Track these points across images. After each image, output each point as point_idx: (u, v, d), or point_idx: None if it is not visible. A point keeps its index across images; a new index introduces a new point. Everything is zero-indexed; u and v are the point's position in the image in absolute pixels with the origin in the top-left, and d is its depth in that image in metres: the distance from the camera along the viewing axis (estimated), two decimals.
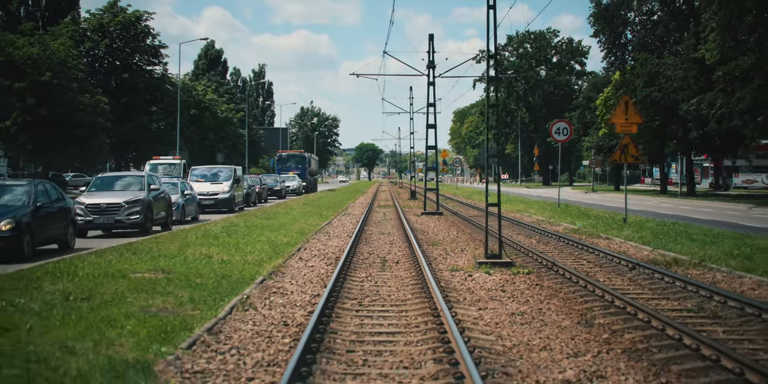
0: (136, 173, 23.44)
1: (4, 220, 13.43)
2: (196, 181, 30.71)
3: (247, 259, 12.54)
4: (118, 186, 20.89)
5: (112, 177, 22.45)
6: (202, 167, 34.96)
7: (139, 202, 19.37)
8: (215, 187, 30.71)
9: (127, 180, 21.44)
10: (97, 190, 20.45)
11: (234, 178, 31.91)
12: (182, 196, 24.81)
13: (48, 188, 15.87)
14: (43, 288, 8.67)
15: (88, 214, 18.86)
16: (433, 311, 8.80)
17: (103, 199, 19.32)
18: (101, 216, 19.03)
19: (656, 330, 7.98)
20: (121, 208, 19.12)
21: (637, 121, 20.30)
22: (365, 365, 6.54)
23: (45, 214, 14.90)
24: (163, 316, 7.60)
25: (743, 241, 15.21)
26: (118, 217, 19.02)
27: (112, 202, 19.25)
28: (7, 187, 15.37)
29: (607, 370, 6.50)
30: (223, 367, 6.15)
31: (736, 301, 9.41)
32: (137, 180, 21.06)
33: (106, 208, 19.10)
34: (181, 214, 24.11)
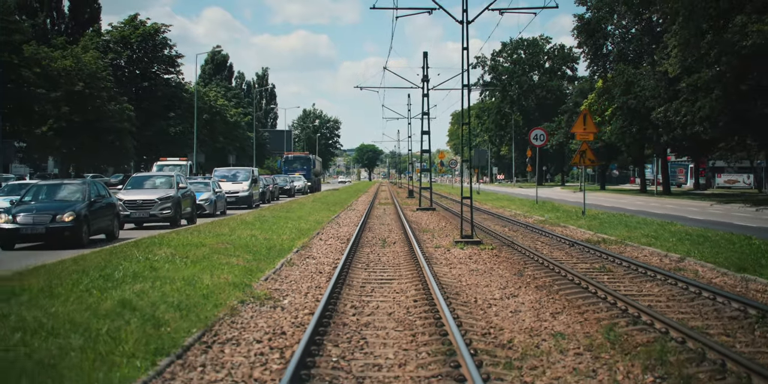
0: (166, 173, 26.22)
1: (66, 212, 16.20)
2: (219, 181, 34.17)
3: (283, 238, 16.82)
4: (151, 184, 23.40)
5: (145, 176, 25.31)
6: (223, 169, 39.15)
7: (170, 199, 21.83)
8: (236, 186, 34.49)
9: (158, 179, 24.01)
10: (133, 188, 22.98)
11: (252, 178, 35.95)
12: (214, 194, 28.52)
13: (98, 186, 18.80)
14: (154, 251, 12.88)
15: (126, 209, 21.32)
16: (417, 269, 12.99)
17: (139, 196, 21.85)
18: (137, 210, 21.53)
19: (563, 277, 12.17)
20: (155, 204, 21.54)
21: (593, 130, 24.55)
22: (373, 292, 10.74)
23: (97, 208, 17.54)
24: (243, 266, 11.85)
25: (664, 227, 19.44)
26: (152, 212, 21.47)
27: (147, 198, 21.74)
28: (65, 185, 18.37)
29: (520, 294, 10.70)
30: (287, 287, 10.41)
31: (627, 262, 13.60)
32: (167, 179, 23.64)
33: (142, 204, 21.57)
34: (213, 208, 27.95)
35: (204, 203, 27.53)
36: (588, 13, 53.08)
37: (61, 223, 16.08)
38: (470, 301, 10.05)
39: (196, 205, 26.45)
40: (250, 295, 9.53)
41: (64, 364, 5.62)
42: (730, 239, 15.64)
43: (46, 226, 16.04)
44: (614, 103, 51.12)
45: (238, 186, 34.58)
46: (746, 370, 6.36)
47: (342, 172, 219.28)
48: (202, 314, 7.91)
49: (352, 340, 7.53)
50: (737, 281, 11.32)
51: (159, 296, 8.40)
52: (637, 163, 62.65)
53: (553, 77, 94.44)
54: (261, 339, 7.38)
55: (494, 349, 7.32)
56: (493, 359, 6.89)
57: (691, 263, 13.33)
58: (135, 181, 24.01)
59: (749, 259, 12.65)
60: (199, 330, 7.35)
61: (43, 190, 18.12)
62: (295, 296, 9.95)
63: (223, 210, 29.71)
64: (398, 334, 7.91)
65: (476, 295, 10.54)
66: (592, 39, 53.56)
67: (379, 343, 7.49)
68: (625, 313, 9.09)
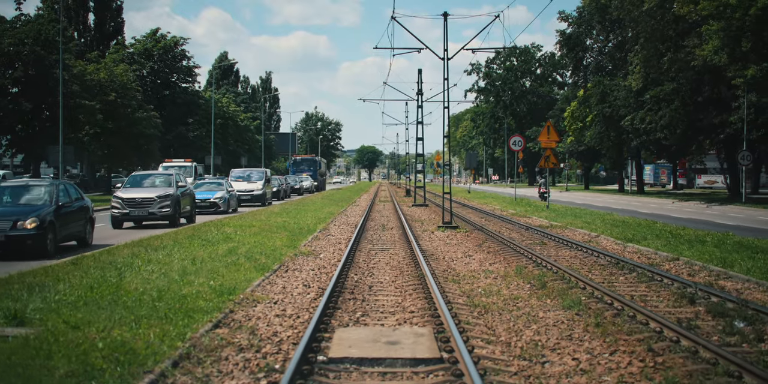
0: (165, 172, 25.83)
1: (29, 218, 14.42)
2: (235, 181, 38.83)
3: (307, 223, 22.20)
4: (150, 183, 23.38)
5: (144, 175, 25.12)
6: (238, 170, 43.58)
7: (169, 197, 21.97)
8: (251, 185, 38.71)
9: (157, 178, 23.94)
10: (132, 186, 22.96)
11: (265, 178, 40.15)
12: (227, 192, 31.39)
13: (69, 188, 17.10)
14: (221, 229, 18.24)
15: (125, 207, 21.56)
16: (407, 243, 18.28)
17: (138, 194, 21.94)
18: (136, 209, 21.68)
19: (509, 247, 17.47)
20: (154, 202, 21.69)
21: (555, 139, 29.93)
22: (376, 255, 16.04)
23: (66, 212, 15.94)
24: (286, 237, 17.23)
25: (603, 217, 24.79)
26: (151, 210, 21.64)
27: (146, 196, 21.83)
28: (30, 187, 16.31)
29: (474, 255, 15.99)
30: (320, 249, 15.78)
31: (559, 239, 18.90)
32: (167, 178, 23.63)
33: (141, 202, 21.72)
34: (227, 206, 30.96)
35: (219, 201, 30.48)
36: (569, 28, 58.55)
37: (22, 231, 14.14)
38: (440, 258, 15.38)
39: (211, 204, 30.05)
40: (298, 251, 14.91)
41: (221, 272, 11.01)
42: (640, 223, 21.02)
43: (6, 233, 14.06)
44: (593, 111, 56.50)
45: (252, 185, 38.70)
46: (585, 284, 11.64)
47: (342, 172, 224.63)
48: (276, 257, 13.30)
49: (364, 272, 12.85)
50: (621, 247, 16.69)
51: (247, 249, 13.79)
52: (616, 165, 67.94)
53: (544, 83, 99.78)
54: (313, 268, 12.77)
55: (448, 276, 12.64)
56: (446, 280, 12.19)
57: (601, 238, 18.69)
58: (134, 180, 23.94)
59: (639, 235, 18.02)
60: (278, 264, 12.74)
61: (6, 192, 15.97)
62: (326, 253, 15.32)
63: (236, 208, 32.48)
64: (391, 271, 13.22)
65: (445, 256, 15.86)
66: (572, 52, 58.99)
67: (380, 273, 12.81)
68: (536, 263, 14.41)
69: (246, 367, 6.37)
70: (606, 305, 9.81)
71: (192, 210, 24.33)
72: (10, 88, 40.76)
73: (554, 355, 7.25)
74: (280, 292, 10.23)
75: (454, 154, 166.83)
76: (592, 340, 7.85)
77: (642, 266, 13.06)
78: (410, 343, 7.43)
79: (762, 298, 10.23)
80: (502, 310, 9.52)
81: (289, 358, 6.60)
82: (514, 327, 8.52)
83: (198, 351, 6.65)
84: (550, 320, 8.90)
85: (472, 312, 9.42)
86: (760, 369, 6.43)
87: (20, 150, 43.62)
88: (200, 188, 31.46)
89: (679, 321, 8.70)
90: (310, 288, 10.82)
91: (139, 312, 7.79)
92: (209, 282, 10.00)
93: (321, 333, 7.79)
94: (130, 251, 13.24)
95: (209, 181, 32.90)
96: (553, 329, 8.40)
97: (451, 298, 10.28)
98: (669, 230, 19.17)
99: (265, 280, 11.11)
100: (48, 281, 9.52)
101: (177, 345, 6.62)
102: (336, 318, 8.78)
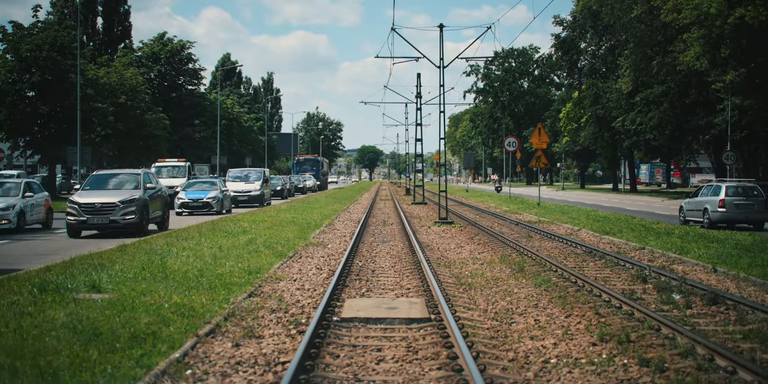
0: (132, 171, 22.10)
1: None
2: (233, 181, 37.74)
3: (314, 218, 24.09)
4: (113, 184, 20.37)
5: (108, 175, 21.46)
6: (236, 170, 42.15)
7: (134, 202, 19.00)
8: (248, 186, 37.43)
9: (122, 178, 20.74)
10: (92, 188, 19.97)
11: (263, 178, 38.74)
12: (221, 192, 30.10)
13: None
14: (238, 223, 20.12)
15: (82, 214, 18.57)
16: (406, 236, 20.14)
17: (98, 199, 18.90)
18: (95, 216, 18.64)
19: (498, 240, 19.33)
20: (116, 208, 18.72)
21: (546, 140, 31.80)
22: (378, 246, 17.90)
23: None
24: (296, 231, 19.11)
25: (588, 213, 26.68)
26: (113, 217, 18.64)
27: (107, 201, 18.81)
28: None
29: (465, 246, 17.87)
30: (327, 241, 17.66)
31: (545, 232, 20.77)
32: (133, 178, 20.46)
33: (101, 208, 18.67)
34: (220, 206, 29.70)
35: (212, 201, 29.26)
36: (564, 32, 60.40)
37: None
38: (435, 249, 17.26)
39: (204, 204, 28.90)
40: (308, 242, 16.81)
41: (246, 257, 12.92)
42: (620, 218, 22.89)
43: None
44: (587, 112, 58.36)
45: (250, 186, 37.46)
46: (558, 268, 13.49)
47: (343, 171, 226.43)
48: (290, 246, 15.19)
49: (368, 260, 14.72)
50: (597, 239, 18.57)
51: (264, 240, 15.68)
52: (611, 164, 69.79)
53: (541, 84, 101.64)
54: (323, 256, 14.66)
55: (441, 263, 14.51)
56: (438, 266, 14.06)
57: (582, 232, 20.57)
58: (95, 181, 20.62)
59: (615, 229, 19.90)
60: (292, 252, 14.63)
61: None
62: (333, 244, 17.22)
63: (229, 208, 31.21)
64: (391, 259, 15.09)
65: (439, 247, 17.74)
66: (567, 55, 60.84)
67: (381, 261, 14.68)
68: (519, 252, 16.27)
69: (279, 322, 8.26)
70: (571, 283, 11.68)
71: (164, 215, 21.42)
72: (27, 92, 42.62)
73: (520, 318, 9.12)
74: (297, 273, 12.12)
75: (454, 154, 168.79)
76: (553, 308, 9.72)
77: (611, 254, 14.93)
78: (406, 308, 9.30)
79: (702, 277, 12.11)
80: (483, 287, 11.39)
81: (312, 317, 8.48)
82: (492, 299, 10.39)
83: (240, 311, 8.54)
84: (522, 294, 10.77)
85: (458, 289, 11.29)
86: (676, 324, 8.29)
87: (37, 151, 45.46)
88: (192, 188, 30.49)
89: (627, 293, 10.58)
90: (322, 270, 12.70)
91: (188, 285, 9.69)
92: (238, 264, 11.90)
93: (334, 301, 9.68)
94: (164, 241, 15.16)
95: (202, 181, 31.69)
96: (523, 301, 10.27)
97: (441, 278, 12.15)
98: (644, 224, 21.05)
99: (283, 264, 13.00)
100: (106, 263, 11.42)
101: (224, 306, 8.51)
102: (345, 292, 10.66)
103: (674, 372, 6.60)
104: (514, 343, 7.77)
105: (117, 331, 6.82)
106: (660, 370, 6.66)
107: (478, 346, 7.47)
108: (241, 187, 36.75)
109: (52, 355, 5.88)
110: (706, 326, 8.61)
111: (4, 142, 43.76)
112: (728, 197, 22.83)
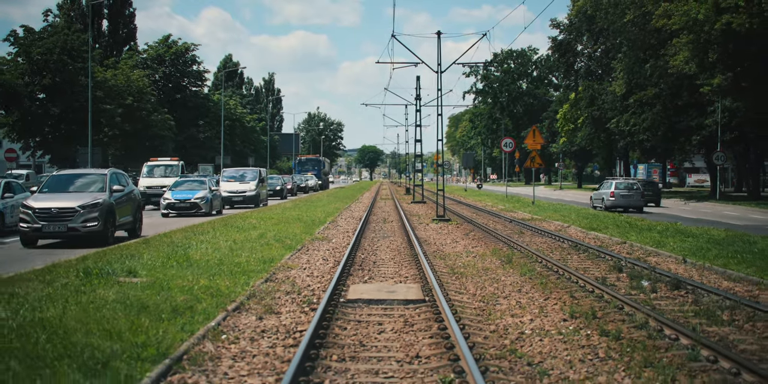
0: (97, 171, 19.67)
1: None
2: (227, 181, 36.63)
3: (317, 216, 25.37)
4: (75, 186, 18.17)
5: (70, 175, 19.10)
6: (231, 169, 40.95)
7: (97, 207, 16.74)
8: (243, 186, 36.16)
9: (86, 179, 18.49)
10: (50, 191, 17.69)
11: (259, 178, 37.32)
12: (210, 192, 28.78)
13: None
14: (247, 220, 21.38)
15: (37, 221, 16.35)
16: (405, 232, 21.41)
17: (55, 203, 16.65)
18: (52, 223, 16.35)
19: (491, 236, 20.60)
20: (76, 214, 16.45)
21: (540, 141, 33.08)
22: (379, 241, 19.16)
23: None
24: (302, 227, 20.39)
25: (579, 211, 27.93)
26: (71, 224, 16.39)
27: (65, 206, 16.56)
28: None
29: (461, 241, 19.14)
30: (331, 236, 18.94)
31: (537, 229, 22.02)
32: (98, 179, 18.18)
33: (58, 214, 16.43)
34: (209, 207, 28.36)
35: (200, 202, 27.90)
36: (560, 35, 61.62)
37: None
38: (431, 243, 18.52)
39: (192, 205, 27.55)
40: (314, 237, 18.09)
41: (259, 249, 14.20)
42: (607, 216, 24.16)
43: None
44: (583, 114, 59.62)
45: (245, 186, 36.20)
46: (543, 260, 14.75)
47: (343, 171, 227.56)
48: (298, 240, 16.49)
49: (369, 253, 15.99)
50: (584, 234, 19.85)
51: (273, 234, 16.96)
52: (607, 164, 71.10)
53: (540, 85, 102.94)
54: (328, 249, 15.94)
55: (436, 255, 15.78)
56: (434, 258, 15.32)
57: (571, 228, 21.84)
58: (55, 182, 18.35)
59: (602, 225, 21.18)
60: (300, 245, 15.91)
61: None
62: (337, 239, 18.50)
63: (220, 209, 30.10)
64: (391, 252, 16.36)
65: (436, 242, 19.00)
66: (564, 57, 62.07)
67: (382, 253, 15.95)
68: (510, 246, 17.54)
69: (294, 301, 9.55)
70: (553, 272, 12.96)
71: (135, 220, 19.11)
72: (38, 94, 43.94)
73: (504, 300, 10.39)
74: (306, 263, 13.41)
75: (453, 154, 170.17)
76: (534, 292, 10.99)
77: (593, 248, 16.21)
78: (404, 292, 10.58)
79: (672, 267, 13.39)
80: (474, 276, 12.66)
81: (321, 298, 9.75)
82: (480, 285, 11.67)
83: (259, 293, 9.83)
84: (508, 282, 12.03)
85: (451, 277, 12.56)
86: (638, 304, 9.56)
87: (47, 151, 46.77)
88: (179, 187, 29.23)
89: (600, 280, 11.86)
90: (328, 261, 13.98)
91: (211, 271, 10.98)
92: (252, 255, 13.19)
93: (340, 286, 10.96)
94: (183, 235, 16.46)
95: (191, 180, 30.25)
96: (508, 287, 11.54)
97: (437, 268, 13.42)
98: (628, 221, 22.33)
99: (293, 255, 14.29)
100: (135, 253, 12.71)
101: (245, 289, 9.80)
102: (349, 279, 11.93)
103: (627, 340, 7.86)
104: (496, 319, 9.04)
105: (160, 306, 8.10)
106: (616, 338, 7.92)
107: (465, 321, 8.73)
108: (235, 188, 35.88)
109: (113, 322, 7.16)
110: (665, 306, 9.87)
111: (15, 142, 45.07)
112: (617, 190, 33.01)
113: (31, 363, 5.72)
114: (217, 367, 6.33)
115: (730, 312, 9.25)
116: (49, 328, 6.80)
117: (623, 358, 7.15)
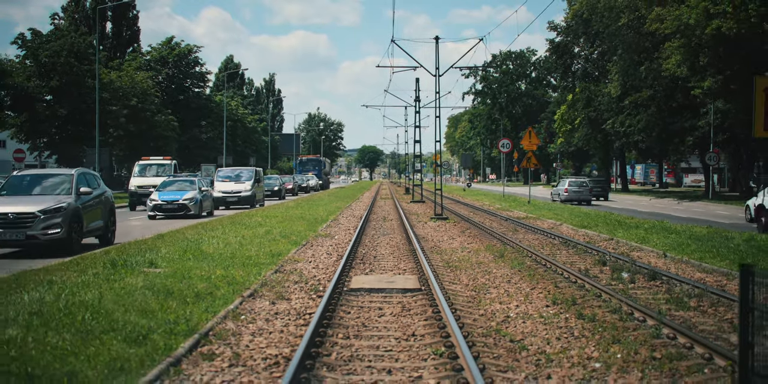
0: (63, 171, 17.95)
1: None
2: (222, 181, 35.97)
3: (320, 214, 26.34)
4: (38, 189, 16.45)
5: (32, 176, 17.30)
6: (226, 169, 40.05)
7: (60, 211, 15.08)
8: (238, 186, 35.42)
9: (51, 180, 16.78)
10: (9, 193, 16.05)
11: (255, 178, 36.52)
12: (200, 192, 27.69)
13: None
14: (252, 218, 22.36)
15: None
16: (404, 230, 22.37)
17: (12, 207, 15.00)
18: (8, 230, 14.69)
19: (487, 233, 21.55)
20: (36, 220, 14.78)
21: (536, 142, 34.05)
22: (379, 238, 20.11)
23: None
24: (306, 224, 21.36)
25: (572, 210, 28.89)
26: (30, 232, 14.71)
27: (23, 210, 14.91)
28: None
29: (457, 238, 20.10)
30: (334, 233, 19.91)
31: (530, 227, 22.99)
32: (64, 180, 16.49)
33: (15, 220, 14.77)
34: (199, 208, 27.30)
35: (189, 203, 26.86)
36: (558, 37, 62.60)
37: None
38: (429, 240, 19.49)
39: (180, 206, 26.39)
40: (317, 234, 19.07)
41: (266, 245, 15.16)
42: (599, 214, 25.13)
43: None
44: (580, 115, 60.62)
45: (240, 186, 35.47)
46: (534, 255, 15.70)
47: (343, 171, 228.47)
48: (302, 236, 17.47)
49: (370, 248, 16.95)
50: (574, 232, 20.82)
51: (280, 230, 17.94)
52: (604, 164, 72.12)
53: (538, 86, 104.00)
54: (331, 245, 16.91)
55: (433, 251, 16.74)
56: (431, 253, 16.28)
57: (563, 226, 22.80)
58: (15, 184, 16.57)
59: (592, 223, 22.15)
60: (305, 241, 16.89)
61: None
62: (339, 236, 19.48)
63: (210, 210, 29.35)
64: (391, 248, 17.32)
65: (434, 239, 19.96)
66: (561, 59, 63.06)
67: (381, 249, 16.91)
68: (503, 243, 18.50)
69: (302, 290, 10.52)
70: (541, 266, 13.93)
71: (107, 225, 17.41)
72: (46, 95, 44.90)
73: (493, 289, 11.36)
74: (311, 257, 14.39)
75: (453, 154, 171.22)
76: (522, 283, 11.96)
77: (582, 244, 17.17)
78: (402, 282, 11.55)
79: (652, 260, 14.36)
80: (467, 269, 13.62)
81: (327, 286, 10.72)
82: (473, 277, 12.63)
83: (271, 282, 10.81)
84: (499, 274, 12.99)
85: (446, 269, 13.53)
86: (615, 292, 10.53)
87: (54, 152, 47.73)
88: (168, 187, 28.11)
89: (583, 272, 12.83)
90: (332, 255, 14.95)
91: (225, 263, 11.95)
92: (261, 249, 14.16)
93: (344, 277, 11.93)
94: (194, 231, 17.43)
95: (180, 180, 29.07)
96: (499, 278, 12.50)
97: (433, 262, 14.38)
98: (618, 220, 23.31)
99: (298, 250, 15.27)
100: (152, 247, 13.69)
101: (258, 278, 10.78)
102: (352, 272, 12.90)
103: (600, 322, 8.83)
104: (485, 306, 10.00)
105: (184, 292, 9.08)
106: (591, 320, 8.89)
107: (457, 307, 9.70)
108: (230, 188, 35.11)
109: (145, 304, 8.13)
110: (640, 295, 10.84)
111: (23, 143, 46.04)
112: (569, 187, 41.20)
113: (82, 336, 6.68)
114: (239, 341, 7.29)
115: (697, 299, 10.21)
116: (91, 308, 7.77)
117: (594, 336, 8.11)
